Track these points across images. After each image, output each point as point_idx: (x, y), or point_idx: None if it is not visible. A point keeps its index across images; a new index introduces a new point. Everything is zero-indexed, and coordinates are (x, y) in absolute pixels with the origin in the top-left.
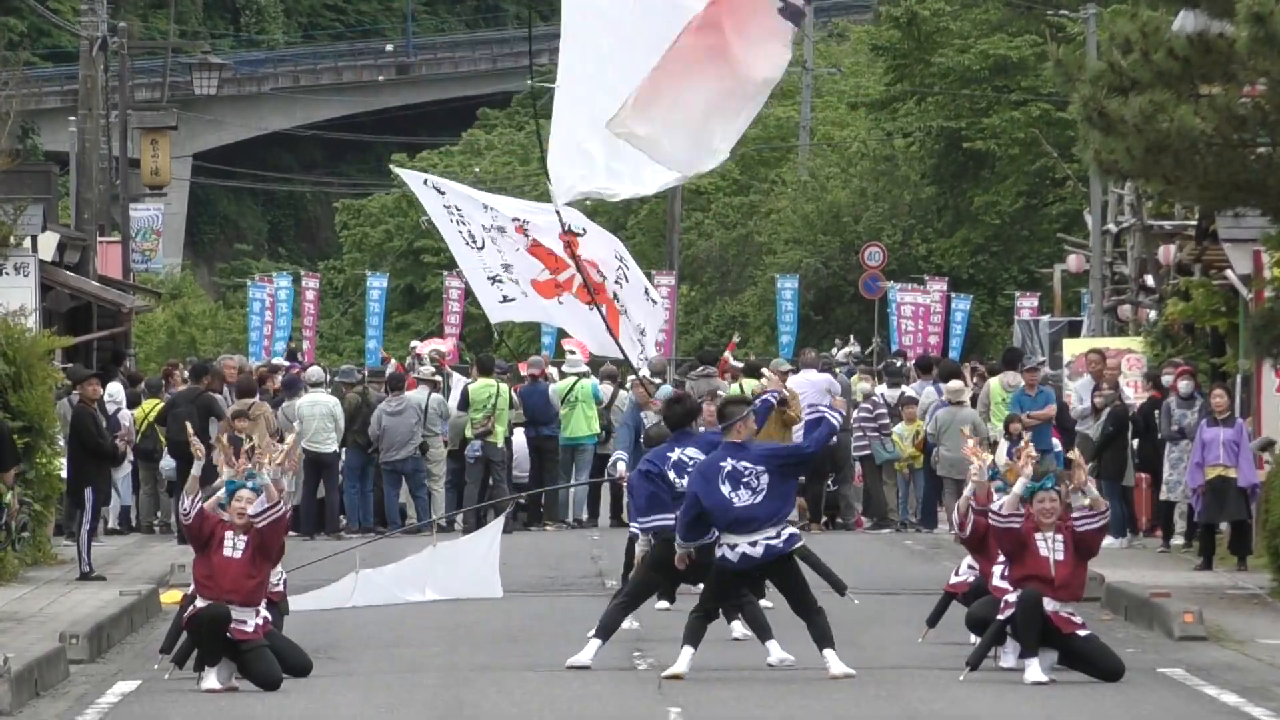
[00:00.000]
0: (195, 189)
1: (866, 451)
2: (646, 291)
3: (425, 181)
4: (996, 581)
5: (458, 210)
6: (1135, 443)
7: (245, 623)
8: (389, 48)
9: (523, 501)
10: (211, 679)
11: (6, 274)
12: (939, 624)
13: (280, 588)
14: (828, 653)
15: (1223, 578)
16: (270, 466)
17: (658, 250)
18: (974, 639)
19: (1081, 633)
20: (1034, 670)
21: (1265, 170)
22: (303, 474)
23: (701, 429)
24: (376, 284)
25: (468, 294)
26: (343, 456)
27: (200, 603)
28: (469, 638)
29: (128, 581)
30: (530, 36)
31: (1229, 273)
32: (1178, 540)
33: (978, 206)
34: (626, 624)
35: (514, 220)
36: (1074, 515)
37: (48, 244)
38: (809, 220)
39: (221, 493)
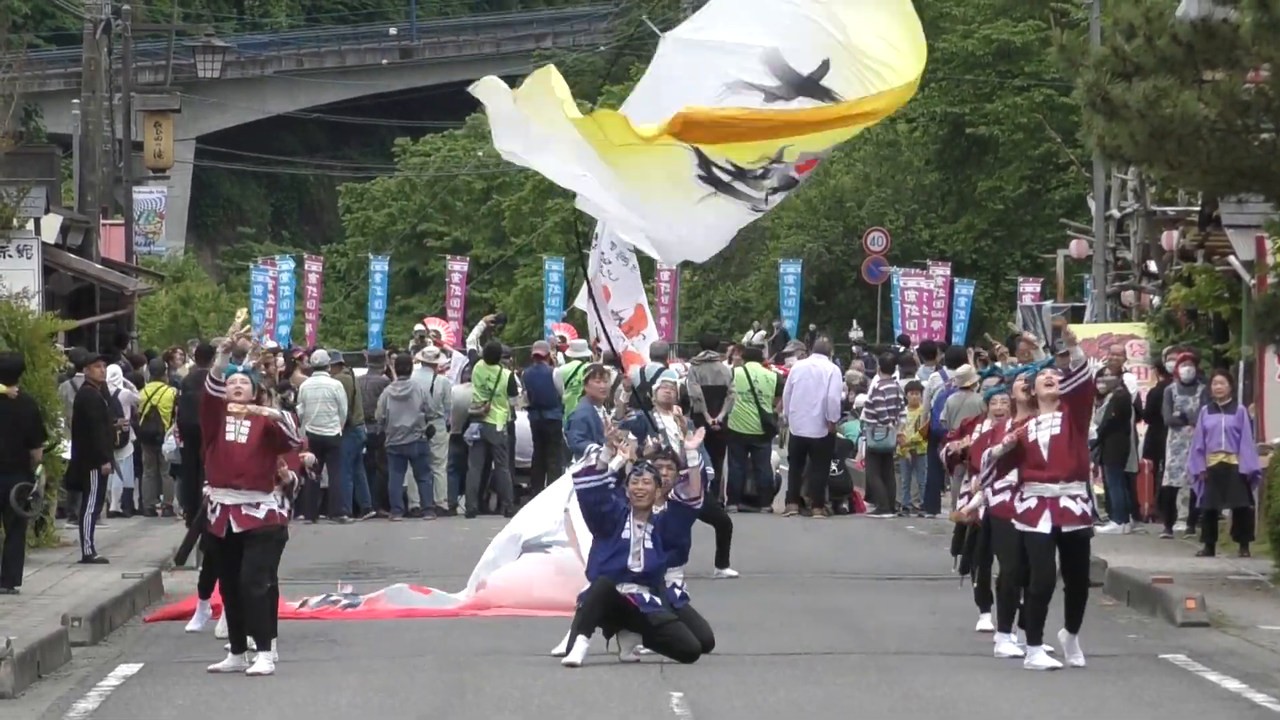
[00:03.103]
0: (198, 172)
1: (874, 441)
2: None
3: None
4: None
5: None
6: (1143, 428)
7: (257, 507)
8: (392, 31)
9: (524, 485)
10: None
11: (9, 256)
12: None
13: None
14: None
15: (1225, 564)
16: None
17: None
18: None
19: (1069, 527)
20: (1040, 657)
21: (1268, 156)
22: None
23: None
24: (379, 267)
25: (470, 278)
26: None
27: (211, 515)
28: (469, 622)
29: (130, 564)
30: None
31: (1232, 259)
32: (1180, 526)
33: (981, 192)
34: None
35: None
36: (1060, 380)
37: (50, 226)
38: (812, 205)
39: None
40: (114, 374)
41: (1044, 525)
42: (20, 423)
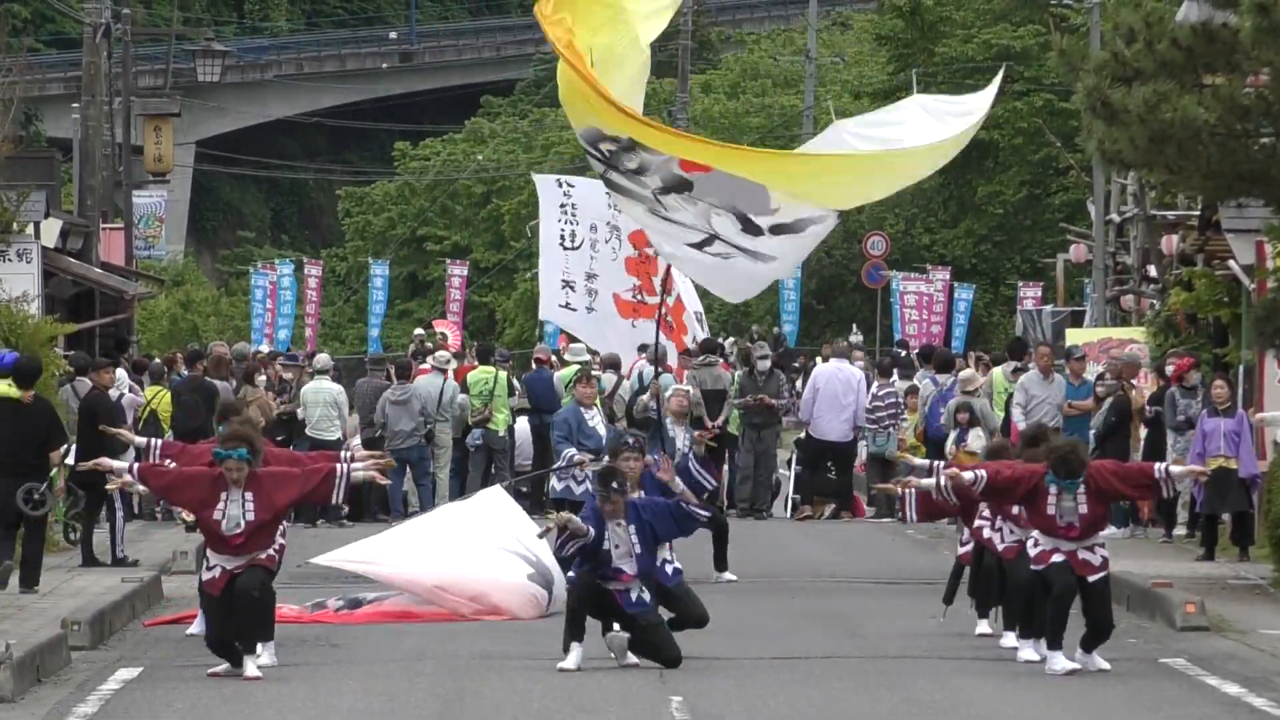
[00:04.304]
0: (198, 176)
1: (875, 446)
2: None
3: (559, 182)
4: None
5: (573, 209)
6: (1142, 432)
7: (253, 558)
8: (392, 35)
9: (524, 489)
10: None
11: (9, 260)
12: (954, 600)
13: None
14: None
15: (1225, 568)
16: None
17: None
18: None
19: (1092, 578)
20: (1060, 662)
21: (1268, 161)
22: None
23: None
24: (379, 271)
25: (470, 282)
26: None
27: (208, 572)
28: (469, 626)
29: (130, 568)
30: None
31: (1232, 263)
32: (1180, 530)
33: (981, 196)
34: None
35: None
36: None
37: (50, 230)
38: None
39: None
40: (120, 379)
41: (1058, 556)
42: (37, 426)
